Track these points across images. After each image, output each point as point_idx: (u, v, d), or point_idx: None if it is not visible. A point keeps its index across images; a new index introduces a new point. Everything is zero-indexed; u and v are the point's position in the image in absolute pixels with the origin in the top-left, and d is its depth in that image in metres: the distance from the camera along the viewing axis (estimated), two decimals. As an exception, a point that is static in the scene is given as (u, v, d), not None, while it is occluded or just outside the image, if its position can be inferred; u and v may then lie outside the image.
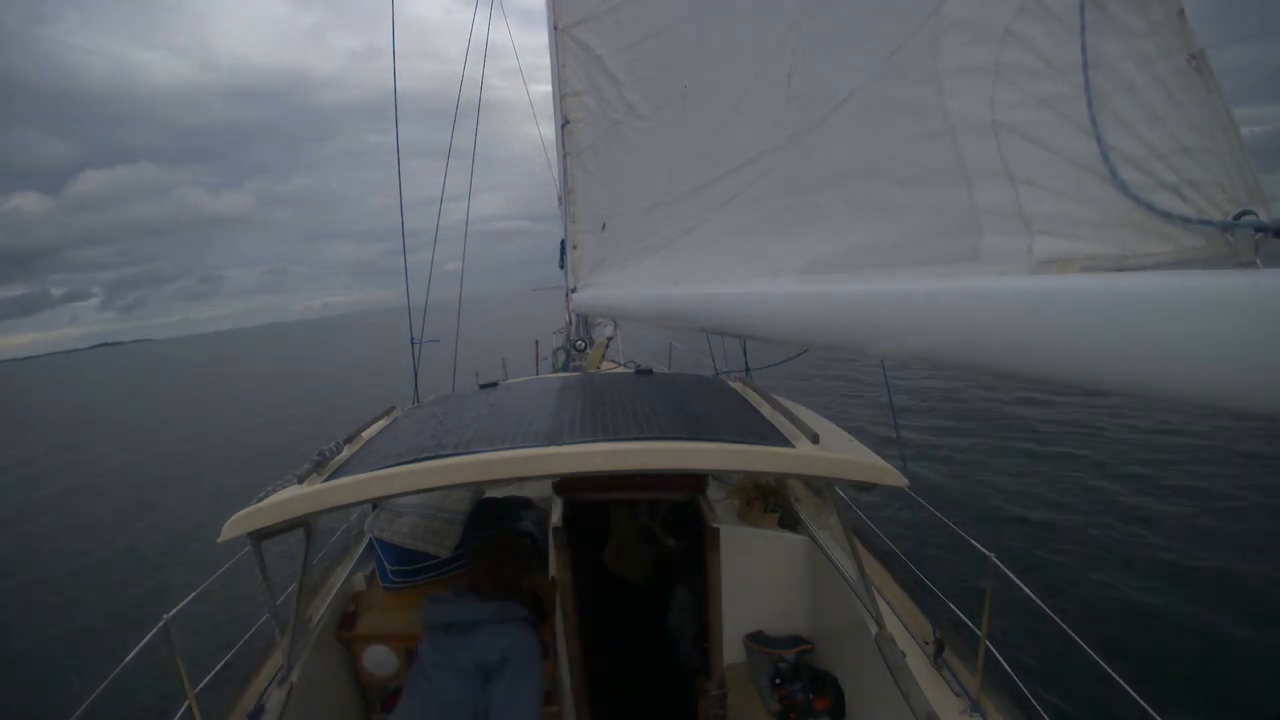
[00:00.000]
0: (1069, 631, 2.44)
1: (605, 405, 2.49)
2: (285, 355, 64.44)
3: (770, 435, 2.24)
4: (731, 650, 3.03)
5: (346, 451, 2.43)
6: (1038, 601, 2.39)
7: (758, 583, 3.05)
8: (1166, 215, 0.80)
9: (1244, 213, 0.75)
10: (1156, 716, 2.02)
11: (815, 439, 2.14)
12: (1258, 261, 0.73)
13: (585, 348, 5.27)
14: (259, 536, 2.00)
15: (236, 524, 1.91)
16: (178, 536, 10.05)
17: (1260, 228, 0.73)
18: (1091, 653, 2.32)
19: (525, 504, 3.53)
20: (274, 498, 1.98)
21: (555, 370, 6.43)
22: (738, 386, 3.17)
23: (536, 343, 7.84)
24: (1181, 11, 0.78)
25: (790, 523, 3.31)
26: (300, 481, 2.07)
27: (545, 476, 2.37)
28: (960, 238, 1.11)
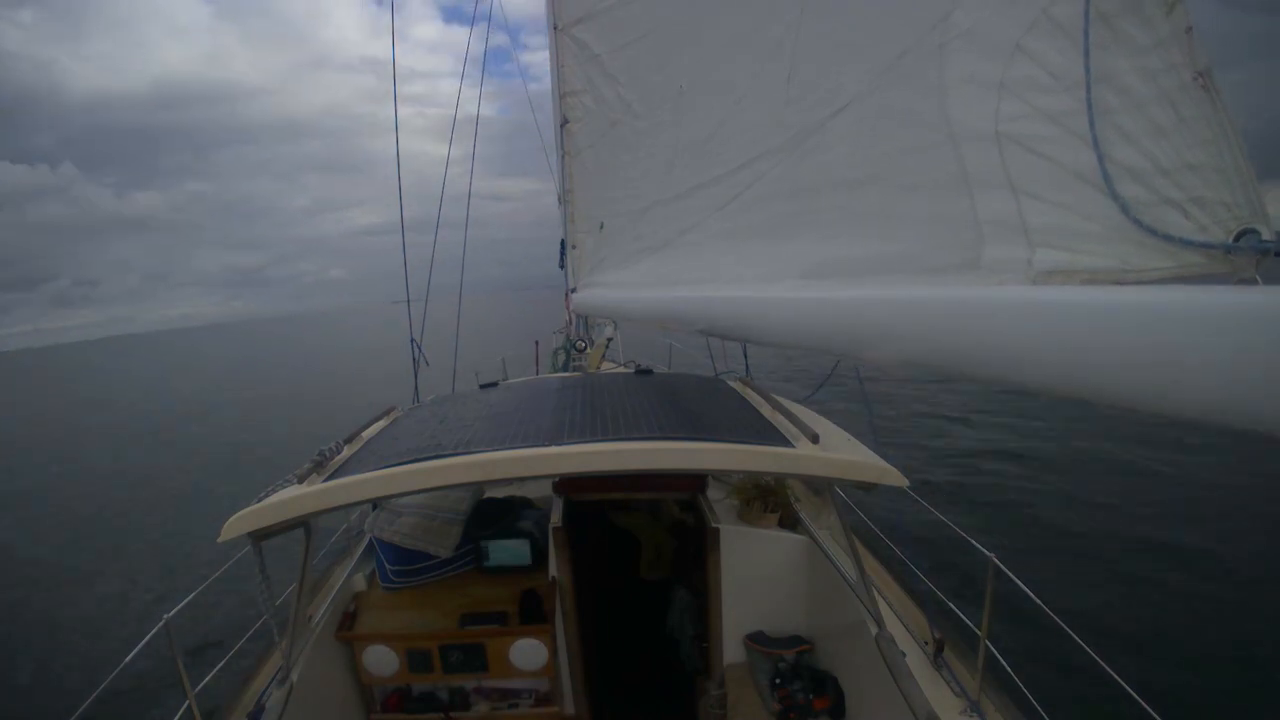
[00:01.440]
0: (1069, 631, 2.44)
1: (605, 405, 2.49)
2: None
3: (770, 435, 2.24)
4: (731, 650, 3.03)
5: (346, 451, 2.43)
6: (1038, 601, 2.40)
7: (758, 583, 3.05)
8: (1167, 236, 0.80)
9: (1246, 231, 0.75)
10: (1156, 716, 2.03)
11: (815, 439, 2.15)
12: (1258, 279, 0.73)
13: (585, 348, 5.26)
14: (259, 536, 2.00)
15: (236, 524, 1.92)
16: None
17: (1262, 248, 0.72)
18: (1091, 653, 2.32)
19: (525, 504, 3.53)
20: (274, 498, 1.98)
21: (555, 370, 6.43)
22: (738, 386, 3.17)
23: (536, 343, 7.83)
24: (1189, 29, 0.77)
25: (790, 523, 3.31)
26: (300, 481, 2.07)
27: (545, 476, 2.37)
28: (961, 247, 1.11)
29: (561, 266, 4.25)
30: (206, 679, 2.65)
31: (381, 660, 2.80)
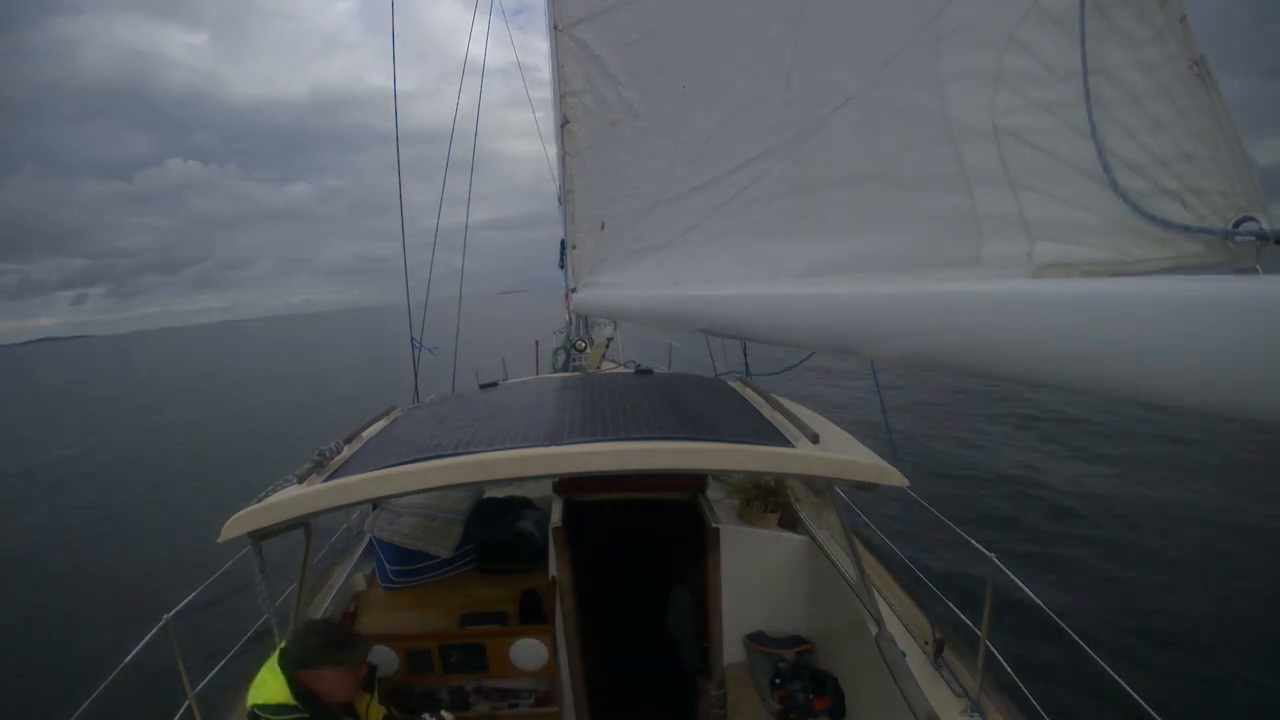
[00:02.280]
0: (1069, 631, 2.45)
1: (605, 405, 2.49)
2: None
3: (770, 435, 2.24)
4: (731, 650, 3.03)
5: (346, 451, 2.43)
6: (1038, 601, 2.40)
7: (758, 583, 3.05)
8: (1167, 223, 0.80)
9: (1244, 219, 0.75)
10: (1156, 716, 2.03)
11: (815, 439, 2.15)
12: (1258, 268, 0.73)
13: (585, 348, 5.27)
14: (259, 536, 2.00)
15: (236, 524, 1.92)
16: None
17: (1261, 235, 0.73)
18: (1091, 653, 2.32)
19: (525, 504, 3.53)
20: (274, 498, 1.98)
21: (555, 370, 6.42)
22: (738, 387, 3.17)
23: (537, 343, 7.83)
24: (1183, 17, 0.78)
25: (790, 523, 3.31)
26: (300, 481, 2.07)
27: (545, 476, 2.38)
28: (961, 242, 1.11)
29: (561, 266, 4.26)
30: (206, 679, 2.65)
31: (381, 660, 2.79)
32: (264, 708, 1.90)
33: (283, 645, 2.09)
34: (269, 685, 1.96)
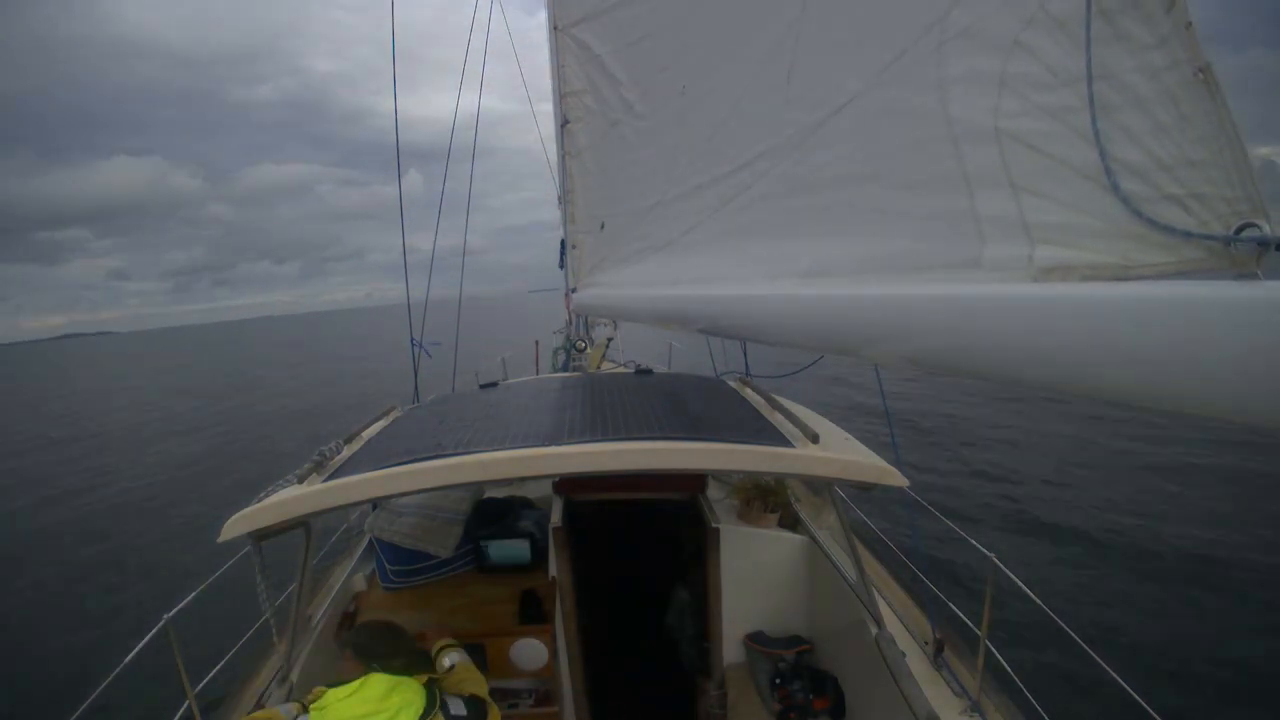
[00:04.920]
0: (1069, 631, 2.45)
1: (605, 405, 2.49)
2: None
3: (770, 435, 2.24)
4: (731, 650, 3.03)
5: (346, 451, 2.43)
6: (1038, 601, 2.40)
7: (758, 583, 3.05)
8: (1169, 228, 0.80)
9: (1246, 225, 0.75)
10: (1156, 716, 2.03)
11: (815, 439, 2.15)
12: (1259, 274, 0.73)
13: (585, 348, 5.27)
14: (259, 536, 2.00)
15: (236, 524, 1.92)
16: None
17: (1263, 241, 0.73)
18: (1092, 653, 2.32)
19: (525, 504, 3.54)
20: (274, 498, 1.98)
21: (555, 370, 6.42)
22: (737, 386, 3.17)
23: (537, 343, 7.83)
24: (1189, 24, 0.78)
25: (790, 522, 3.31)
26: (300, 481, 2.07)
27: (545, 476, 2.38)
28: (962, 245, 1.11)
29: (561, 266, 4.25)
30: (206, 679, 2.65)
31: None
32: None
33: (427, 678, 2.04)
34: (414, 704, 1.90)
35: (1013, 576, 2.48)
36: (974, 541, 2.65)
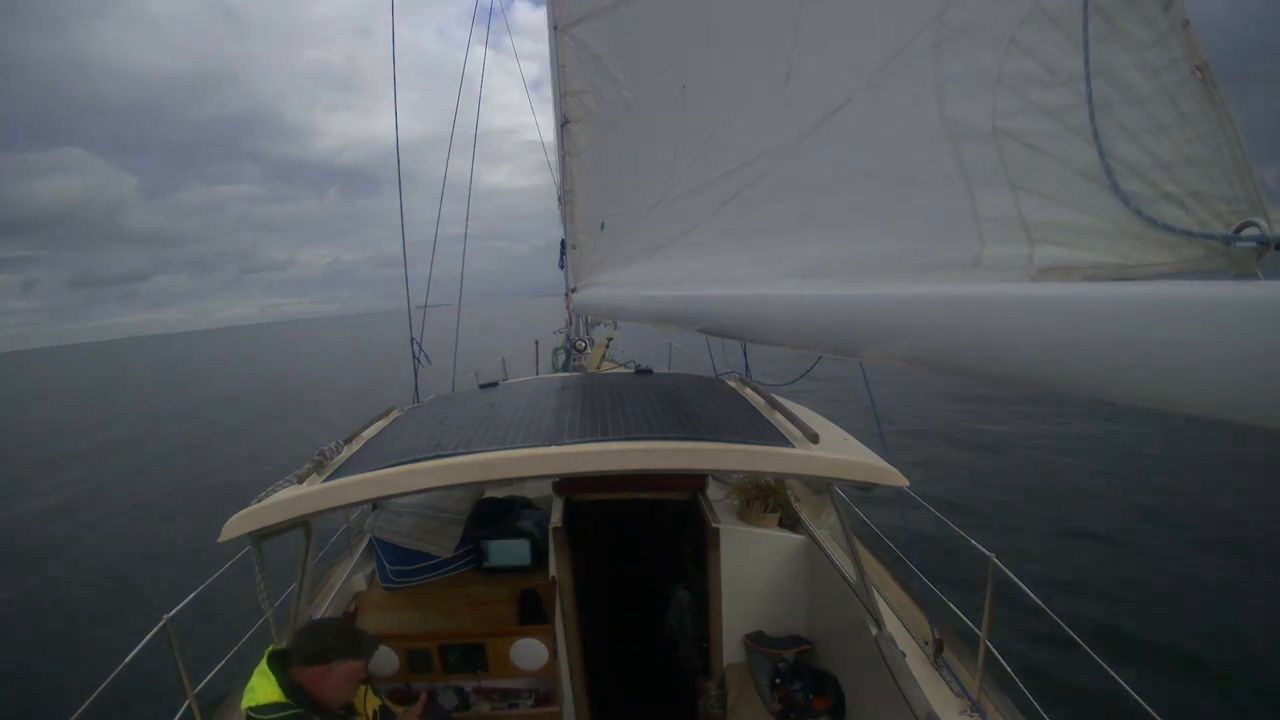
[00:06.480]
0: (1069, 631, 2.44)
1: (605, 405, 2.49)
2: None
3: (770, 435, 2.24)
4: (731, 650, 3.03)
5: (346, 451, 2.43)
6: (1038, 601, 2.40)
7: (758, 583, 3.05)
8: (1168, 227, 0.79)
9: (1246, 224, 0.74)
10: (1156, 716, 2.03)
11: (815, 439, 2.15)
12: (1259, 273, 0.73)
13: (585, 348, 5.27)
14: (259, 536, 2.01)
15: (236, 524, 1.92)
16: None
17: (1262, 240, 0.72)
18: (1091, 653, 2.32)
19: (525, 504, 3.54)
20: (274, 498, 1.99)
21: (555, 370, 6.42)
22: (737, 386, 3.17)
23: (536, 343, 7.84)
24: (1187, 22, 0.77)
25: (790, 523, 3.31)
26: (300, 481, 2.07)
27: (545, 476, 2.38)
28: (960, 244, 1.11)
29: (561, 266, 4.25)
30: (206, 679, 2.65)
31: (381, 660, 2.80)
32: (257, 709, 1.90)
33: (272, 648, 2.09)
34: (260, 687, 1.96)
35: (1013, 576, 2.48)
36: (974, 541, 2.65)
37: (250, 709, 1.91)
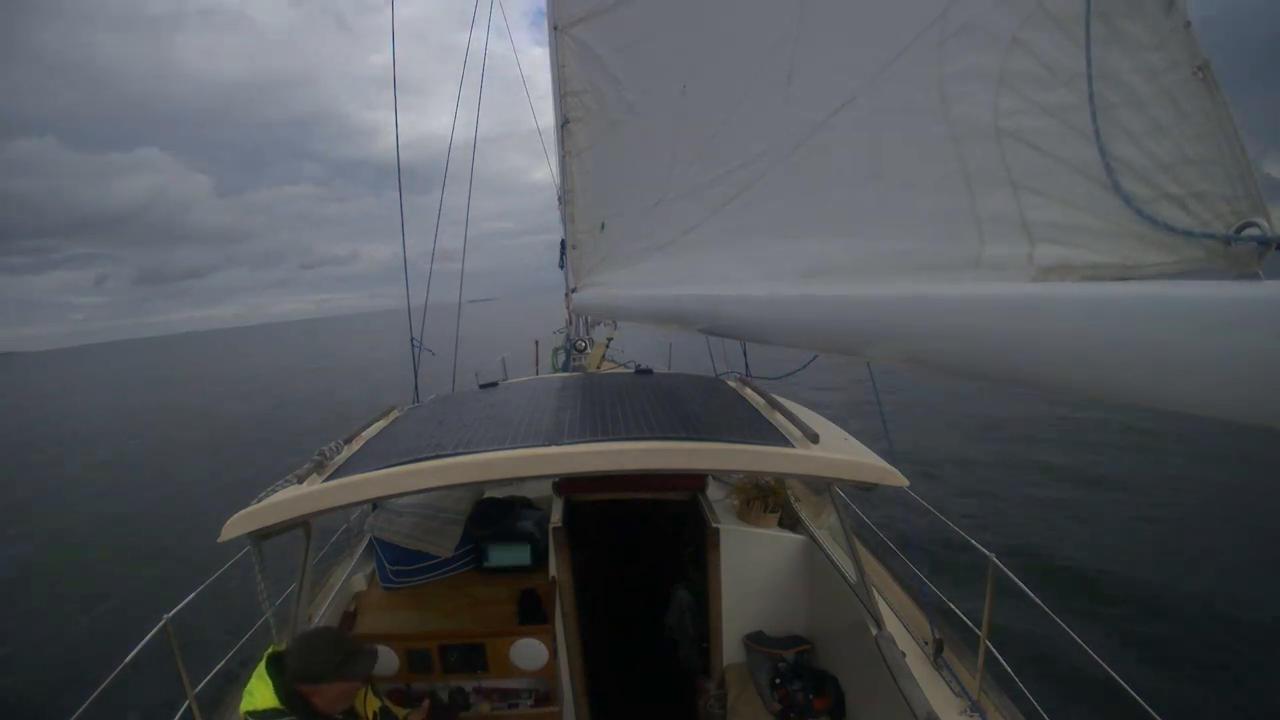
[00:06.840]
0: (1069, 631, 2.45)
1: (605, 405, 2.49)
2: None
3: (770, 435, 2.24)
4: (731, 650, 3.03)
5: (346, 451, 2.43)
6: (1038, 601, 2.40)
7: (758, 583, 3.05)
8: (1169, 227, 0.80)
9: (1247, 224, 0.75)
10: (1156, 716, 2.03)
11: (815, 439, 2.15)
12: (1260, 273, 0.73)
13: (585, 348, 5.27)
14: (259, 536, 2.00)
15: (236, 524, 1.92)
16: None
17: (1263, 240, 0.72)
18: (1091, 653, 2.32)
19: (525, 504, 3.54)
20: (274, 498, 1.99)
21: (555, 370, 6.42)
22: (737, 386, 3.17)
23: (536, 343, 7.84)
24: (1188, 23, 0.77)
25: (790, 522, 3.31)
26: (300, 481, 2.07)
27: (545, 476, 2.38)
28: (961, 244, 1.11)
29: (561, 266, 4.26)
30: (206, 679, 2.65)
31: (382, 660, 2.80)
32: (255, 715, 1.90)
33: (271, 650, 2.08)
34: (258, 691, 1.96)
35: (1013, 576, 2.48)
36: (974, 541, 2.65)
37: (248, 714, 1.92)
